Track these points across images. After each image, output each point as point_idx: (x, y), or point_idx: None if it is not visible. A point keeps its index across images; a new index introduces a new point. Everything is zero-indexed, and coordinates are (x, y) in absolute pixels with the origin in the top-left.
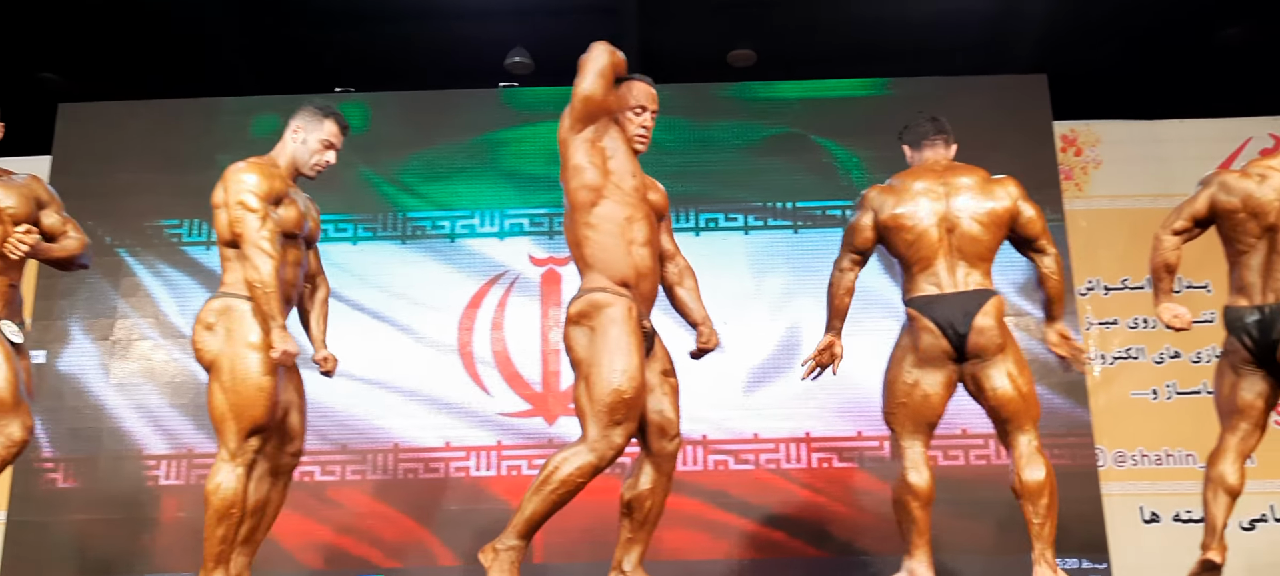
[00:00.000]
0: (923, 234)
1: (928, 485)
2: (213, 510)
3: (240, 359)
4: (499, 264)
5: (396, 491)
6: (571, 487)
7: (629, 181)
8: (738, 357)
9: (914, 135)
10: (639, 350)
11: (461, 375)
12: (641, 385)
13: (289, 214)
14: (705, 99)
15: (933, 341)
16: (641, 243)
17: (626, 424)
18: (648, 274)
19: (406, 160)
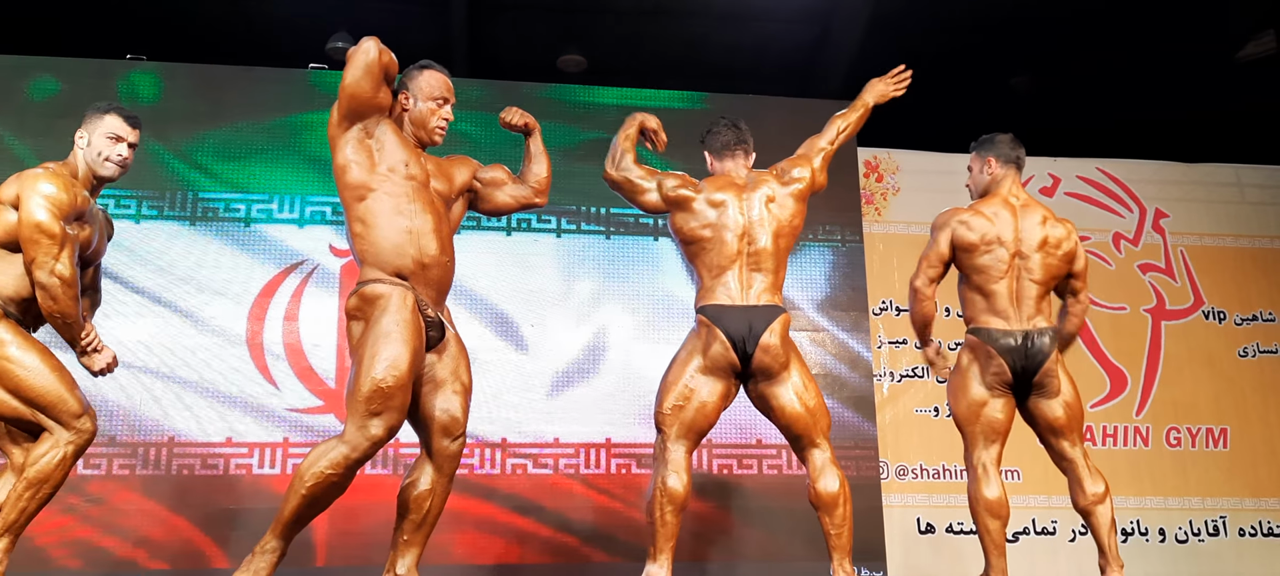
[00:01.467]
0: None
1: (686, 490)
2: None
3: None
4: (296, 252)
5: (168, 488)
6: (326, 483)
7: (404, 171)
8: (542, 361)
9: (716, 143)
10: (410, 341)
11: (249, 367)
12: (406, 376)
13: (82, 233)
14: (524, 99)
15: (722, 352)
16: (426, 232)
17: (386, 415)
18: (432, 264)
19: (200, 137)
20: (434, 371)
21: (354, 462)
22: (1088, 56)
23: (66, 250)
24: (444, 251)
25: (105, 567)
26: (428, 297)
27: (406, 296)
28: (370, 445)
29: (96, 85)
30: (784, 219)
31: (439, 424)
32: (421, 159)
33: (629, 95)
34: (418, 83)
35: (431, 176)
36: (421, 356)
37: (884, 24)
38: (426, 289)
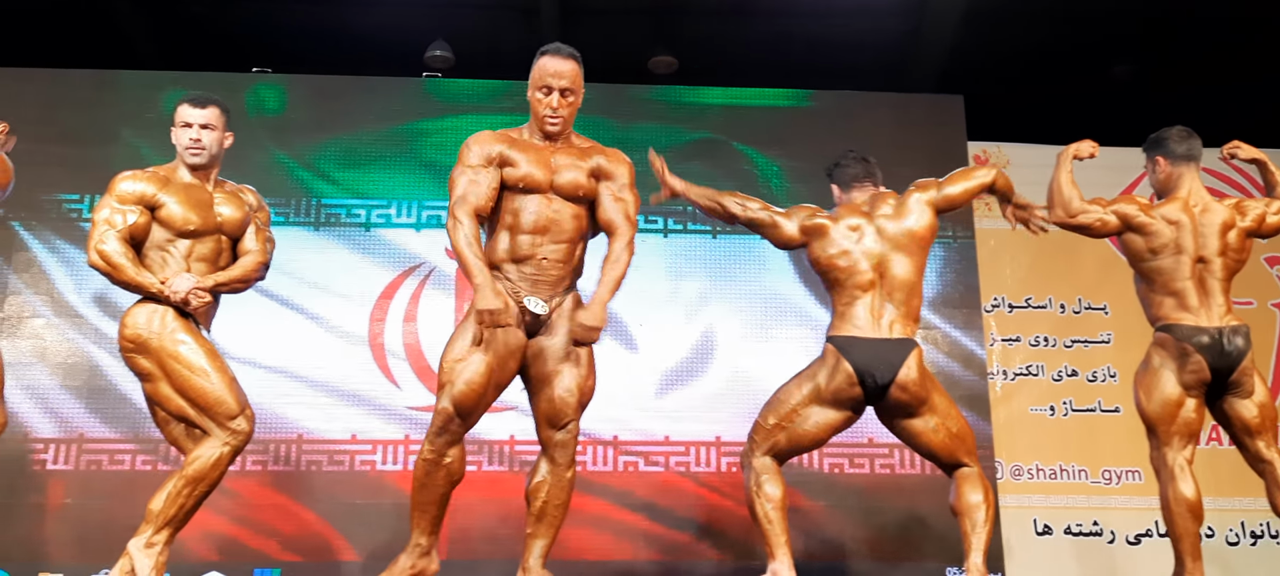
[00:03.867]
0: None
1: (784, 490)
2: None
3: None
4: (414, 255)
5: (298, 483)
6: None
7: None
8: (651, 360)
9: (845, 176)
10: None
11: (371, 367)
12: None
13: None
14: (627, 100)
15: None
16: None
17: (446, 388)
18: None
19: (322, 145)
20: (542, 358)
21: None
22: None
23: (112, 231)
24: (546, 242)
25: (239, 558)
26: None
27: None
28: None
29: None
30: (918, 237)
31: (544, 414)
32: (543, 154)
33: (733, 95)
34: (531, 74)
35: (561, 170)
36: (503, 346)
37: (979, 15)
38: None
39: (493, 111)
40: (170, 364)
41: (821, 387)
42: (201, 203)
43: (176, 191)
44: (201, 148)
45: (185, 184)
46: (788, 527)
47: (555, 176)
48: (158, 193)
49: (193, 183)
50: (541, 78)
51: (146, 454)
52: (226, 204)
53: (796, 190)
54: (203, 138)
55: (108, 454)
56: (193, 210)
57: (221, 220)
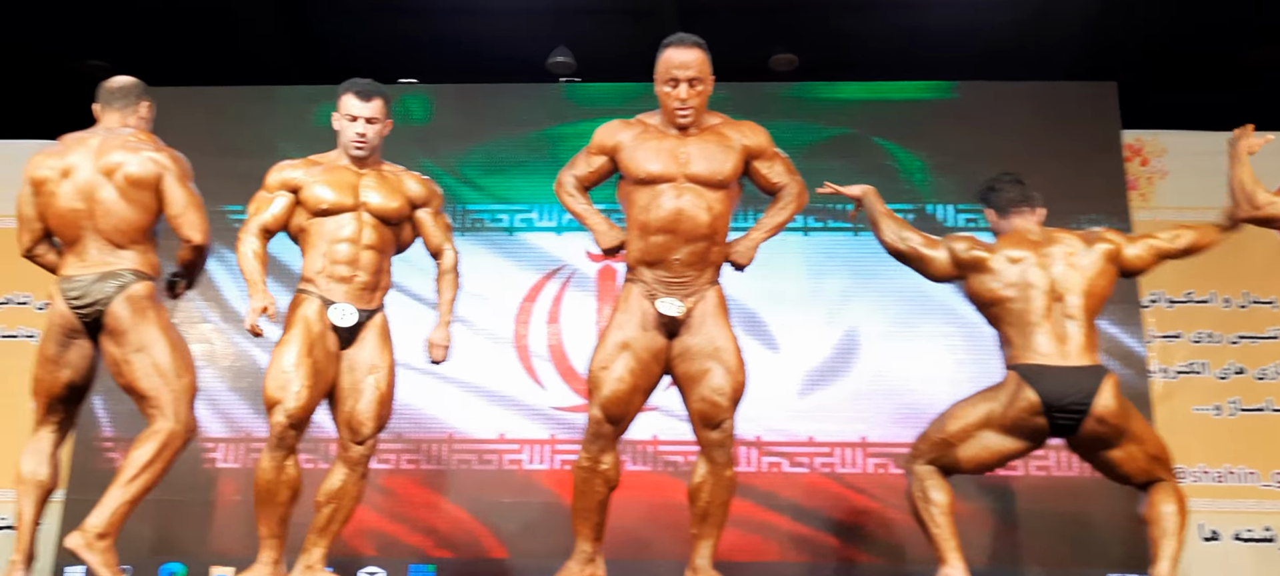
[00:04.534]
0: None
1: (951, 495)
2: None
3: None
4: (556, 259)
5: (449, 481)
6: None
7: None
8: (794, 360)
9: (1001, 200)
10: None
11: (517, 368)
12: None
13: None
14: (761, 98)
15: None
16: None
17: (594, 395)
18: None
19: (467, 152)
20: (687, 358)
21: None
22: None
23: (248, 222)
24: (678, 242)
25: (396, 554)
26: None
27: (632, 289)
28: (588, 427)
29: None
30: (1090, 276)
31: (697, 414)
32: (674, 145)
33: (871, 89)
34: (656, 68)
35: (692, 159)
36: (645, 350)
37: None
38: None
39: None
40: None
41: (998, 413)
42: (344, 183)
43: (321, 173)
44: (366, 142)
45: (333, 166)
46: (957, 532)
47: (687, 167)
48: (298, 176)
49: (341, 165)
50: (667, 70)
51: (308, 453)
52: (377, 188)
53: (940, 184)
54: (368, 132)
55: None
56: (331, 188)
57: (364, 201)
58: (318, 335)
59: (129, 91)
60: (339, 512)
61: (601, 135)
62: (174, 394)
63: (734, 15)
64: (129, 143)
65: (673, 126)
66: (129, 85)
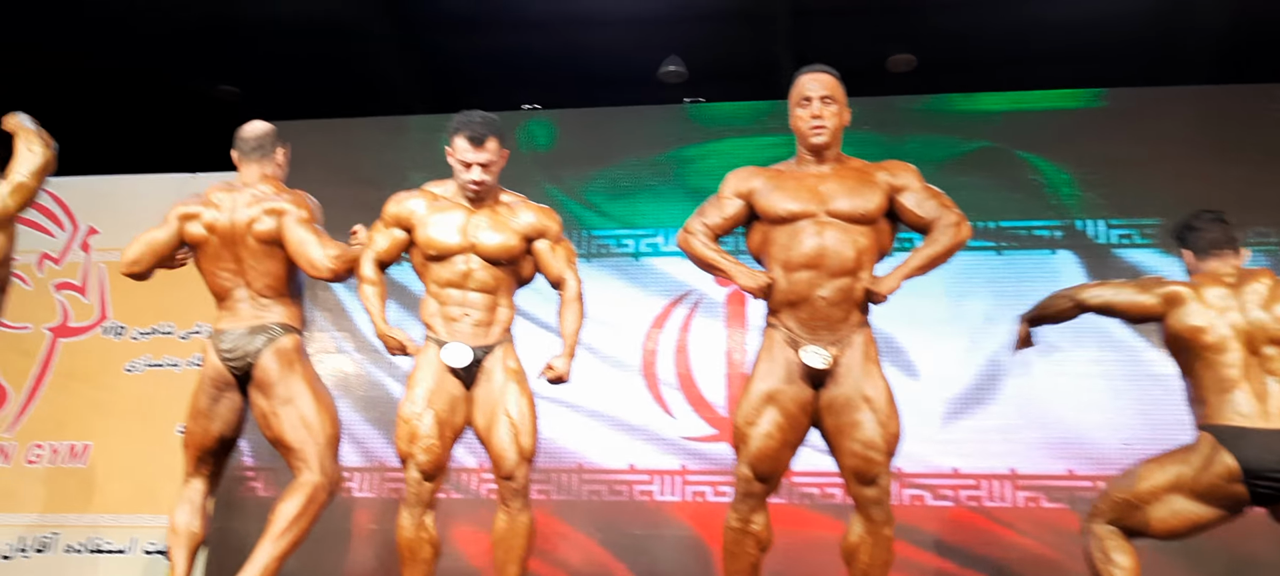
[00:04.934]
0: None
1: (1134, 561)
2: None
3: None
4: (683, 284)
5: (580, 512)
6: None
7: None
8: (935, 387)
9: (1201, 241)
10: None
11: (645, 396)
12: (750, 414)
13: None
14: (895, 113)
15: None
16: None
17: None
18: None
19: (591, 177)
20: (835, 410)
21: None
22: None
23: (363, 254)
24: (823, 278)
25: None
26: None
27: (774, 336)
28: (737, 485)
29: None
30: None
31: (850, 469)
32: (813, 182)
33: (1013, 100)
34: (789, 98)
35: (833, 195)
36: (792, 403)
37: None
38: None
39: (755, 133)
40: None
41: (1190, 477)
42: (455, 225)
43: (434, 212)
44: (481, 187)
45: (449, 202)
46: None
47: (829, 202)
48: (413, 213)
49: (457, 201)
50: (798, 93)
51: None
52: (489, 227)
53: (1089, 199)
54: (484, 178)
55: None
56: (440, 231)
57: (474, 243)
58: (440, 380)
59: (264, 141)
60: (511, 554)
61: (735, 181)
62: (319, 446)
63: (849, 16)
64: (259, 197)
65: (809, 154)
66: (263, 134)
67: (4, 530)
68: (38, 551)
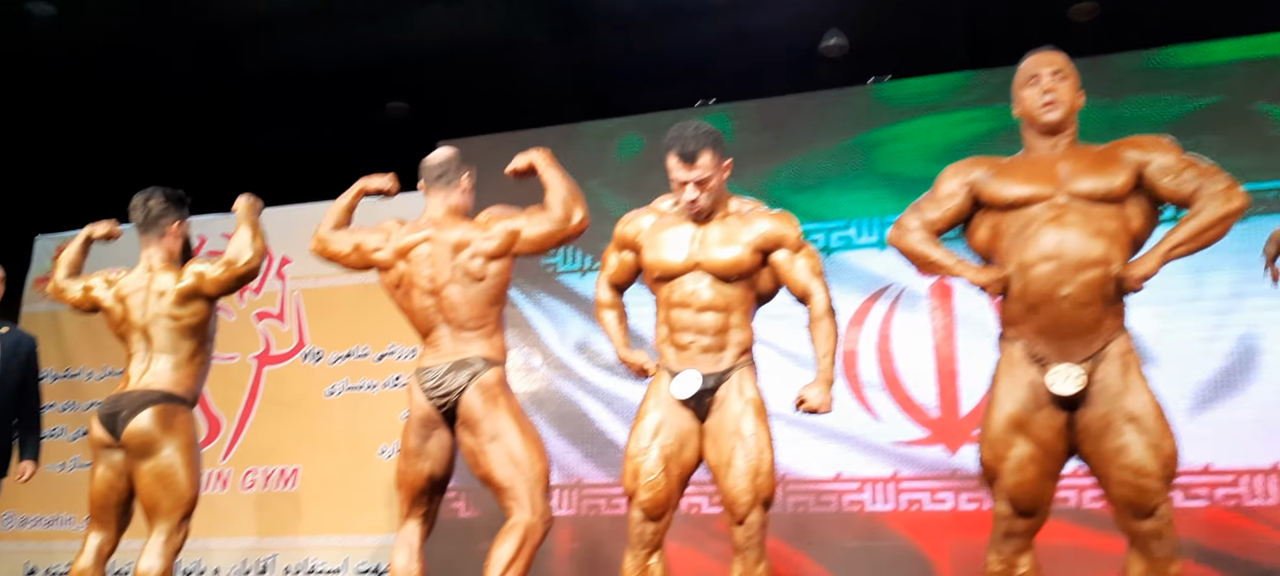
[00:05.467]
0: None
1: None
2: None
3: None
4: (881, 277)
5: (787, 525)
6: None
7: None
8: (1178, 373)
9: None
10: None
11: (849, 400)
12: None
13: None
14: (1114, 73)
15: None
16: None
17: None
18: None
19: (773, 171)
20: (1093, 435)
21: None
22: None
23: (603, 273)
24: (1067, 276)
25: None
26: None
27: (1013, 351)
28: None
29: None
30: None
31: (1119, 500)
32: (1047, 164)
33: (1250, 47)
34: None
35: (1072, 176)
36: (1046, 430)
37: None
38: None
39: (949, 108)
40: None
41: None
42: (678, 242)
43: (658, 231)
44: (698, 205)
45: (674, 218)
46: None
47: (1067, 184)
48: (640, 232)
49: (682, 217)
50: (1024, 76)
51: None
52: (718, 242)
53: None
54: (700, 197)
55: (605, 498)
56: (662, 249)
57: (700, 261)
58: (668, 413)
59: (448, 166)
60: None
61: (953, 171)
62: (529, 483)
63: None
64: (460, 223)
65: (1041, 137)
66: (447, 160)
67: (227, 553)
68: (260, 573)
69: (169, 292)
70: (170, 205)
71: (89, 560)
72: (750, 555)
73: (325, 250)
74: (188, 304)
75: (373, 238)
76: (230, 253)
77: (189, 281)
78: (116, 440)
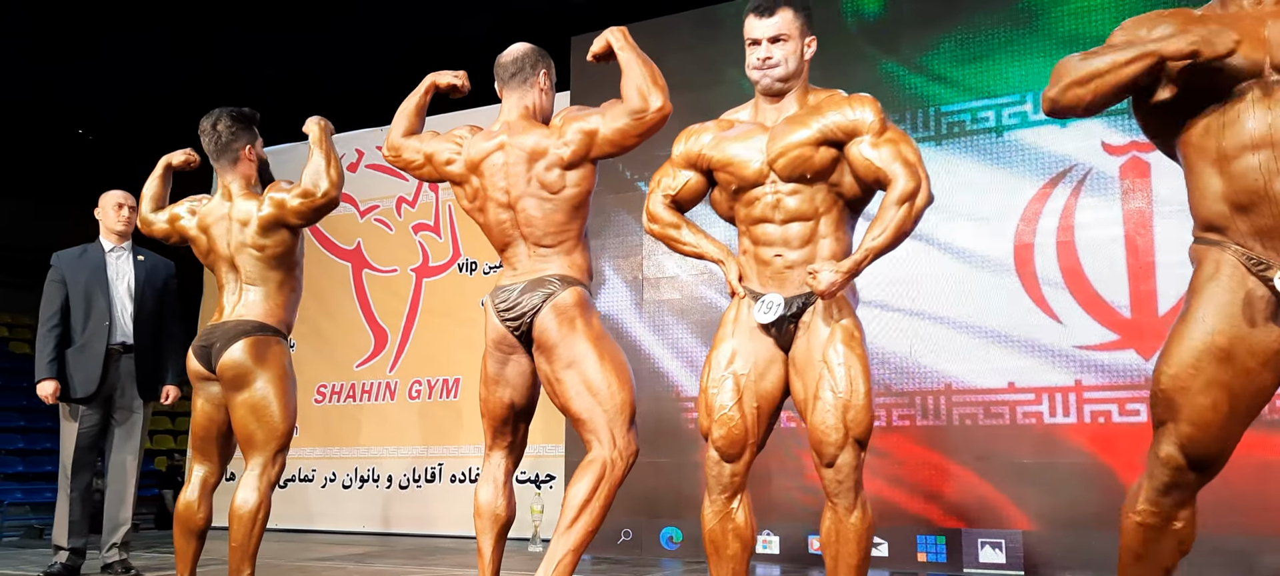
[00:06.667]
0: None
1: None
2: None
3: None
4: (1062, 158)
5: (952, 440)
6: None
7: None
8: None
9: None
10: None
11: (1023, 301)
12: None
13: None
14: None
15: None
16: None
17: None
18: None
19: (935, 43)
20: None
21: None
22: None
23: (656, 193)
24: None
25: (898, 522)
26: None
27: (1222, 258)
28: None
29: (821, 10)
30: None
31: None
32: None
33: None
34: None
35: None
36: (1248, 353)
37: None
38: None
39: None
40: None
41: None
42: (753, 144)
43: (729, 137)
44: (772, 65)
45: (743, 124)
46: None
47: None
48: (702, 147)
49: (753, 122)
50: None
51: (789, 410)
52: (786, 137)
53: None
54: (773, 54)
55: None
56: (735, 158)
57: (775, 158)
58: (747, 341)
59: (523, 63)
60: (840, 563)
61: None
62: (608, 415)
63: None
64: (535, 129)
65: None
66: (522, 56)
67: (398, 461)
68: (429, 481)
69: (252, 222)
70: (240, 127)
71: (195, 492)
72: (841, 502)
73: (398, 158)
74: (271, 233)
75: (446, 148)
76: (307, 182)
77: (269, 210)
78: (212, 372)
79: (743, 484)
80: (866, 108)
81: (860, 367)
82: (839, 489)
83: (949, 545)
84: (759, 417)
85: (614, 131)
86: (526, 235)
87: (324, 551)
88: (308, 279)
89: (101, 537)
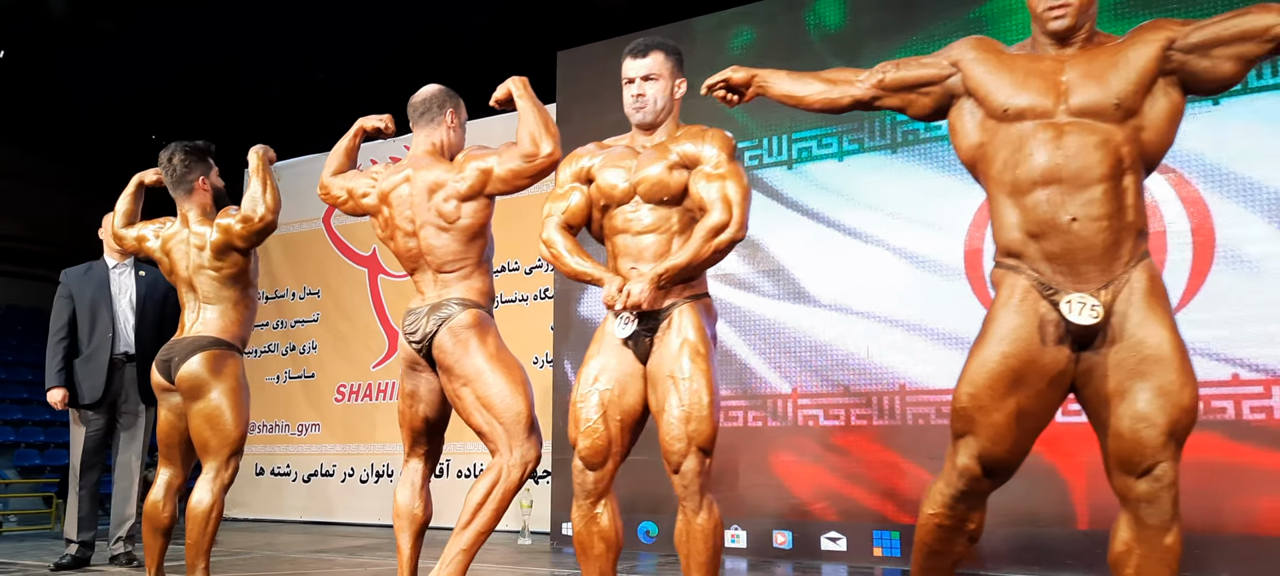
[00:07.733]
0: None
1: None
2: None
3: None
4: None
5: (907, 439)
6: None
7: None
8: None
9: None
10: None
11: (972, 304)
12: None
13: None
14: None
15: None
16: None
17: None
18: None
19: (892, 54)
20: (1105, 379)
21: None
22: None
23: (551, 218)
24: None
25: (856, 518)
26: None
27: (1017, 282)
28: (952, 476)
29: (786, 22)
30: None
31: (1114, 455)
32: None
33: None
34: None
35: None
36: (1036, 375)
37: None
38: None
39: None
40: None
41: None
42: (622, 170)
43: (603, 162)
44: (643, 102)
45: (617, 149)
46: None
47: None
48: (592, 166)
49: (628, 148)
50: None
51: (756, 410)
52: (649, 162)
53: None
54: (646, 91)
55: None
56: (608, 179)
57: (639, 182)
58: (609, 355)
59: (430, 103)
60: (691, 561)
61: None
62: (506, 427)
63: None
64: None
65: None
66: (430, 97)
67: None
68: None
69: (206, 246)
70: (194, 160)
71: (160, 493)
72: (689, 505)
73: (327, 195)
74: (224, 256)
75: (362, 182)
76: (246, 208)
77: (218, 236)
78: (172, 384)
79: (607, 489)
80: (714, 144)
81: (703, 381)
82: (686, 492)
83: (903, 540)
84: (622, 430)
85: (507, 171)
86: (429, 262)
87: (342, 543)
88: (328, 284)
89: (108, 532)
